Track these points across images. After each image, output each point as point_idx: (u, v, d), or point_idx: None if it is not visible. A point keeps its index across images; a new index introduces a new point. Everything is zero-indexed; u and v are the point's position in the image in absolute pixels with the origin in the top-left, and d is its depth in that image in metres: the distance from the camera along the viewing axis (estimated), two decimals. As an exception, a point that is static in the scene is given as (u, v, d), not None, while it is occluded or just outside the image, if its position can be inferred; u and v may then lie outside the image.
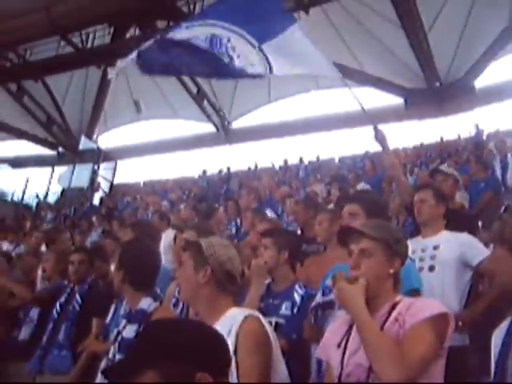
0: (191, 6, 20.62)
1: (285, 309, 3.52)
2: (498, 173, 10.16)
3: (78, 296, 4.49)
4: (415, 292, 3.17)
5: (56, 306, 4.53)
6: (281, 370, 2.52)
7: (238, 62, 4.81)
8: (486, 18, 18.92)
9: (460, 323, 3.42)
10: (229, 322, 2.44)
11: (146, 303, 3.20)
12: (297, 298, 3.58)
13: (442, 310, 2.20)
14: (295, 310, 3.52)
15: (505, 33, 18.72)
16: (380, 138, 4.78)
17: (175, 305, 4.00)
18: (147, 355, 1.49)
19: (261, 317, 2.56)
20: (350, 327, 2.41)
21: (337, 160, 21.74)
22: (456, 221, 4.36)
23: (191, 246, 2.76)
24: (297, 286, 3.69)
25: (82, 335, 4.17)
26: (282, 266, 3.83)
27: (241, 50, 4.87)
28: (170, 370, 1.46)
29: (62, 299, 4.57)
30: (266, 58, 4.88)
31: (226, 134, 26.76)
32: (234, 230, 8.11)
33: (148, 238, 4.51)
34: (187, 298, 2.75)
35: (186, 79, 24.85)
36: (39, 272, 6.38)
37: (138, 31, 22.47)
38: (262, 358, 2.39)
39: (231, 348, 2.28)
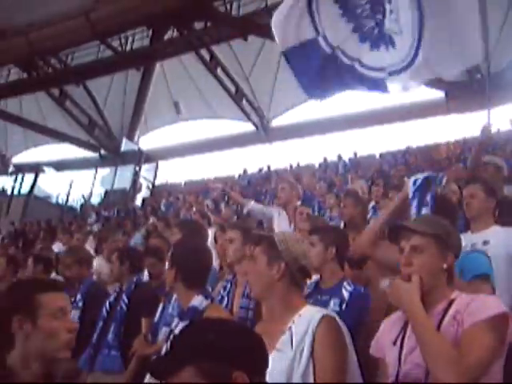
0: (228, 6, 20.69)
1: (333, 305, 3.46)
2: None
3: (124, 296, 4.53)
4: (484, 277, 3.12)
5: (106, 305, 4.59)
6: (354, 370, 2.50)
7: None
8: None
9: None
10: (306, 321, 2.41)
11: (197, 301, 3.19)
12: (345, 294, 3.53)
13: (501, 309, 2.10)
14: (344, 307, 3.46)
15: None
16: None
17: (220, 301, 4.01)
18: (187, 351, 1.50)
19: (337, 317, 2.53)
20: (406, 324, 2.34)
21: (378, 156, 21.52)
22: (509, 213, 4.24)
23: (264, 241, 2.72)
24: (345, 283, 3.64)
25: (131, 335, 4.19)
26: (329, 263, 3.79)
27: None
28: (207, 367, 1.47)
29: (111, 298, 4.63)
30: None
31: (265, 133, 26.75)
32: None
33: (197, 236, 4.54)
34: (259, 295, 2.67)
35: (224, 78, 24.96)
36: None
37: (175, 33, 22.62)
38: (340, 358, 2.38)
39: (308, 347, 2.31)
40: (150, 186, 27.56)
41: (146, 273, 5.04)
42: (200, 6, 19.47)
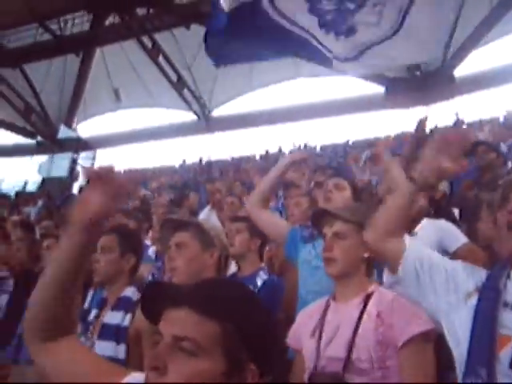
0: (172, -7, 20.49)
1: None
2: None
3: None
4: None
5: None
6: None
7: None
8: (465, 7, 18.91)
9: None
10: None
11: (130, 291, 3.15)
12: (259, 282, 3.55)
13: (430, 325, 2.12)
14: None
15: (485, 21, 18.71)
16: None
17: None
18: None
19: None
20: (324, 315, 2.36)
21: (318, 149, 21.71)
22: (436, 211, 4.35)
23: (194, 227, 2.68)
24: (261, 272, 3.68)
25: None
26: (251, 252, 3.81)
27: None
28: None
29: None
30: None
31: (206, 123, 26.58)
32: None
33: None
34: (186, 281, 2.53)
35: (166, 67, 24.68)
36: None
37: (117, 18, 22.23)
38: None
39: None
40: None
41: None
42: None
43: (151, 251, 5.27)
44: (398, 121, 21.47)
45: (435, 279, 1.95)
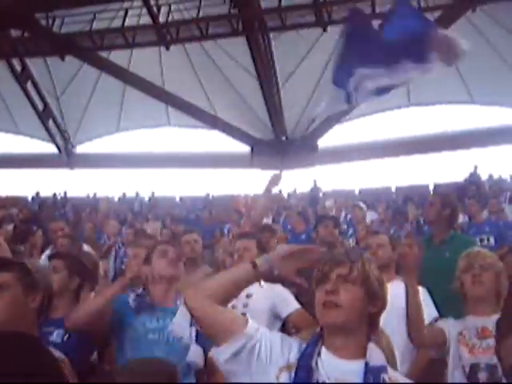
0: (50, 20, 20.00)
1: (56, 336, 3.32)
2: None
3: None
4: None
5: None
6: None
7: None
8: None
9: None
10: None
11: None
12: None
13: None
14: (65, 338, 3.34)
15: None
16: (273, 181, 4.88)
17: None
18: None
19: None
20: None
21: (178, 199, 21.75)
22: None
23: (18, 268, 2.47)
24: None
25: None
26: (69, 291, 3.65)
27: None
28: None
29: None
30: None
31: (67, 158, 25.80)
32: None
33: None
34: (3, 324, 2.33)
35: (34, 94, 23.84)
36: None
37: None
38: None
39: None
40: None
41: None
42: (20, 14, 18.49)
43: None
44: (263, 181, 21.93)
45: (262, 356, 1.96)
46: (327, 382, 1.86)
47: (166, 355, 3.06)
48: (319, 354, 1.91)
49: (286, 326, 3.91)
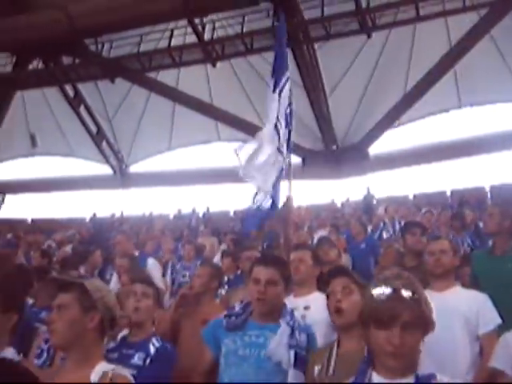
0: (99, 46, 20.48)
1: (137, 359, 3.43)
2: (385, 236, 10.49)
3: None
4: None
5: None
6: None
7: None
8: (383, 88, 19.95)
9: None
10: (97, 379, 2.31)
11: (9, 352, 2.98)
12: (152, 349, 3.53)
13: None
14: (147, 361, 3.44)
15: (400, 104, 19.68)
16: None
17: (39, 355, 3.77)
18: None
19: (126, 374, 2.44)
20: None
21: (232, 213, 21.82)
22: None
23: (76, 289, 2.56)
24: (154, 339, 3.63)
25: None
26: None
27: None
28: None
29: None
30: None
31: (122, 178, 26.31)
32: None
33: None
34: (65, 344, 2.47)
35: (87, 118, 24.46)
36: None
37: (41, 64, 21.98)
38: None
39: None
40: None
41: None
42: (70, 41, 19.06)
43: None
44: (314, 192, 21.88)
45: None
46: None
47: (255, 371, 3.15)
48: (370, 381, 1.98)
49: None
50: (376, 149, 21.45)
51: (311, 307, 3.85)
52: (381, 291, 2.02)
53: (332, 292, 3.16)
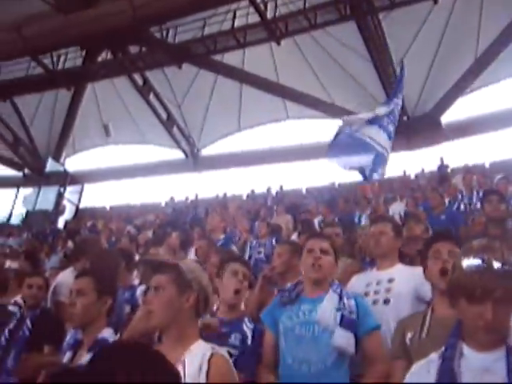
0: (164, 33, 20.71)
1: (234, 339, 3.46)
2: (462, 207, 10.18)
3: (28, 321, 4.32)
4: (377, 329, 3.29)
5: (5, 332, 4.34)
6: None
7: None
8: (453, 54, 19.36)
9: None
10: (197, 358, 2.37)
11: (107, 332, 3.13)
12: (247, 331, 3.55)
13: None
14: (247, 342, 3.48)
15: (471, 69, 19.09)
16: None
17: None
18: None
19: (226, 354, 2.50)
20: None
21: (304, 191, 21.79)
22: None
23: (172, 270, 2.64)
24: (246, 319, 3.66)
25: (32, 361, 4.01)
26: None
27: None
28: None
29: (11, 325, 4.39)
30: None
31: (194, 161, 26.68)
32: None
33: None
34: (163, 324, 2.55)
35: (156, 104, 24.89)
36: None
37: (109, 55, 22.45)
38: None
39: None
40: (74, 209, 26.83)
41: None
42: (136, 30, 19.39)
43: (139, 292, 5.09)
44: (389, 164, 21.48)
45: None
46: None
47: (315, 348, 3.19)
48: (461, 354, 1.97)
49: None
50: (448, 117, 20.90)
51: (395, 279, 3.81)
52: (471, 263, 1.97)
53: (438, 255, 3.13)
